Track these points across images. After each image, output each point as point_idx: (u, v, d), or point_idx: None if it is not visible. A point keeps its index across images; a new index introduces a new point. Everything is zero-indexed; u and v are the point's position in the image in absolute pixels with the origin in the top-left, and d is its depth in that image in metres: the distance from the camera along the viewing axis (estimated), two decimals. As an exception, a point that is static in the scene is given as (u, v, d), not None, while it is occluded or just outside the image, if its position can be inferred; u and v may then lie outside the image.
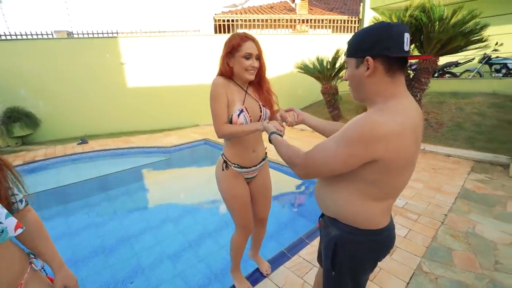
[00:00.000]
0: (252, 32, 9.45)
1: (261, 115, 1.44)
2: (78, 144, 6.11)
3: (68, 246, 2.54)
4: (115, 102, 7.36)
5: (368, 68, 0.81)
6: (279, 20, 9.75)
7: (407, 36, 0.78)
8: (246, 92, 1.42)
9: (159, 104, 7.73)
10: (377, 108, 0.82)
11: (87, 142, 6.22)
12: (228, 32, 9.12)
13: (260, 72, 1.42)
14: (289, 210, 3.38)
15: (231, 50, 1.31)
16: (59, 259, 0.96)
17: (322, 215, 1.09)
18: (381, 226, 0.92)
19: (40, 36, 6.73)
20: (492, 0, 7.03)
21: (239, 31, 9.78)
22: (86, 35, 7.23)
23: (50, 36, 6.90)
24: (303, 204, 3.57)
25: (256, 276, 1.89)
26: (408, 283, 1.77)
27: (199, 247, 2.45)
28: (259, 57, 1.36)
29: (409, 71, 5.79)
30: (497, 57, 6.49)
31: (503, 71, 6.36)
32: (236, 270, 1.79)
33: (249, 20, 9.44)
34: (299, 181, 4.02)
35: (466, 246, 2.14)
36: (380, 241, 0.94)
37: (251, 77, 1.36)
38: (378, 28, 0.79)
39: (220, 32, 9.19)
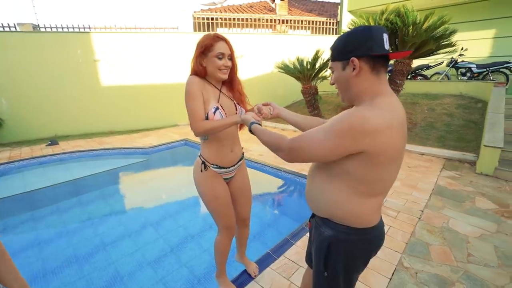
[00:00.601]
0: (232, 31, 9.38)
1: (237, 113, 1.47)
2: (47, 145, 5.71)
3: (36, 257, 2.35)
4: (88, 101, 6.96)
5: (354, 69, 0.85)
6: (259, 19, 9.76)
7: (386, 36, 0.84)
8: (220, 91, 1.45)
9: (136, 103, 7.43)
10: (366, 104, 0.85)
11: (58, 144, 5.83)
12: (208, 30, 8.98)
13: (232, 72, 1.47)
14: (272, 210, 3.37)
15: (203, 50, 1.35)
16: (22, 284, 0.84)
17: (313, 216, 1.08)
18: (373, 224, 0.93)
19: (1, 29, 6.20)
20: (459, 8, 7.52)
21: (219, 29, 9.67)
22: (54, 29, 6.77)
23: (13, 29, 6.38)
24: (286, 203, 3.59)
25: (242, 279, 1.85)
26: (390, 279, 1.82)
27: (181, 251, 2.37)
28: (231, 57, 1.40)
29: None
30: (463, 61, 6.95)
31: (468, 74, 6.83)
32: (222, 275, 1.74)
33: (229, 19, 9.36)
34: (281, 181, 4.03)
35: (442, 241, 2.25)
36: (372, 239, 0.95)
37: (224, 76, 1.40)
38: (360, 31, 0.85)
39: (199, 30, 9.02)
